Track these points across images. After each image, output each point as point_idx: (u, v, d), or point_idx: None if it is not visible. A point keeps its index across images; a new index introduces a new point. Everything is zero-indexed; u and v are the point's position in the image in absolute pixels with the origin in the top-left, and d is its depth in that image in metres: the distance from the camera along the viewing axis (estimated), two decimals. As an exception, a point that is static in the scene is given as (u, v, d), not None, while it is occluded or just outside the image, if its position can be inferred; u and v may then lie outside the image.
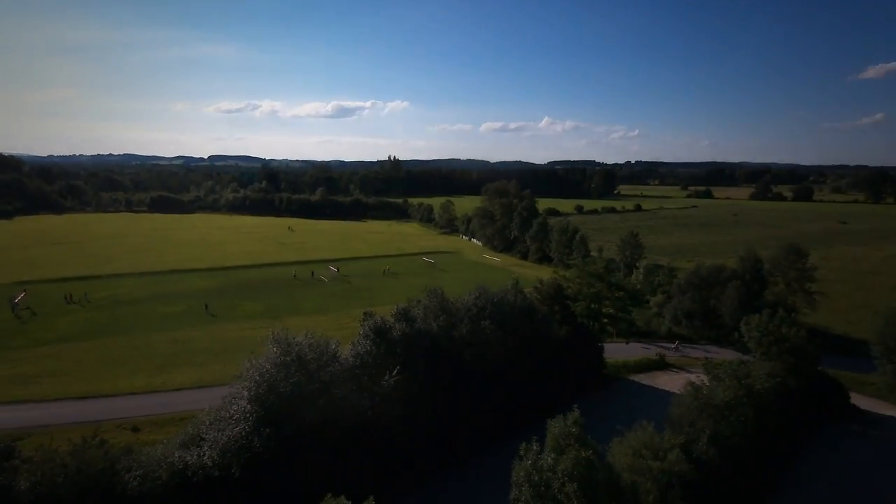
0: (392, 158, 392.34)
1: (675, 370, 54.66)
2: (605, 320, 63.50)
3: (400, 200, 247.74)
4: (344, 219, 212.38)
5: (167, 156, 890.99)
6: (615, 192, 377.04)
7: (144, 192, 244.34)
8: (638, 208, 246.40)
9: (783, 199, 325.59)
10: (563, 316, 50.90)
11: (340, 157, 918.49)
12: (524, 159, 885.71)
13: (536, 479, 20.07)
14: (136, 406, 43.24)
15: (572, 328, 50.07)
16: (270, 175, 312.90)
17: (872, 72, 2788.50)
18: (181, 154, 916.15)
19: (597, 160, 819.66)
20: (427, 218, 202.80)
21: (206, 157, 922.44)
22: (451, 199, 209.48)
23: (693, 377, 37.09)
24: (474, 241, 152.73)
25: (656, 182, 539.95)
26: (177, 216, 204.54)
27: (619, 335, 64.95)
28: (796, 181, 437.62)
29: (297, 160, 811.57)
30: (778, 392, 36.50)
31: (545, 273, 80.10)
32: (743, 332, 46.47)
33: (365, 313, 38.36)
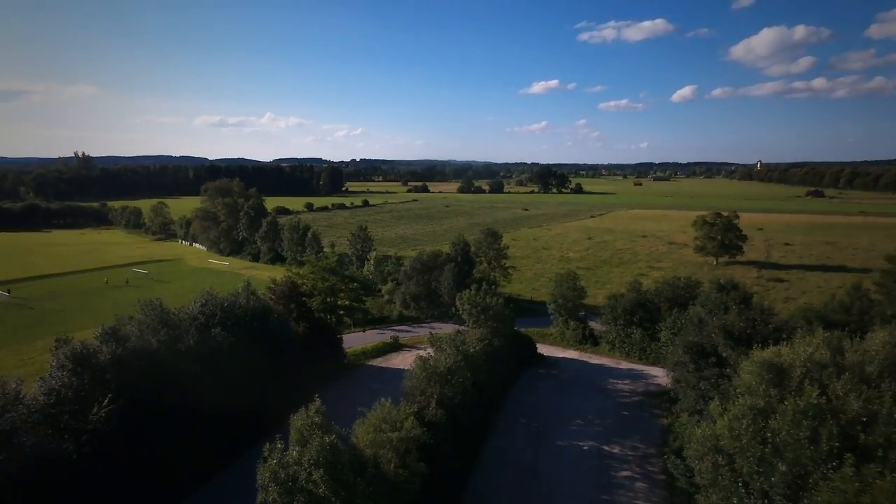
0: (81, 155, 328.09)
1: (408, 349, 59.81)
2: (342, 312, 65.55)
3: (96, 204, 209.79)
4: (15, 229, 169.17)
5: None
6: (343, 188, 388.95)
7: None
8: (366, 203, 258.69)
9: (482, 191, 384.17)
10: (300, 313, 50.83)
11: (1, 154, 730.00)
12: (247, 156, 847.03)
13: (283, 475, 19.92)
14: None
15: (310, 324, 50.43)
16: None
17: (537, 87, 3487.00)
18: None
19: (323, 158, 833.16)
20: (135, 223, 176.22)
21: None
22: (165, 200, 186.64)
23: (422, 352, 41.43)
24: (197, 245, 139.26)
25: (380, 178, 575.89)
26: None
27: (357, 325, 67.91)
28: (491, 176, 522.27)
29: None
30: (487, 352, 43.52)
31: (279, 273, 78.11)
32: (458, 307, 53.68)
33: (57, 340, 31.83)
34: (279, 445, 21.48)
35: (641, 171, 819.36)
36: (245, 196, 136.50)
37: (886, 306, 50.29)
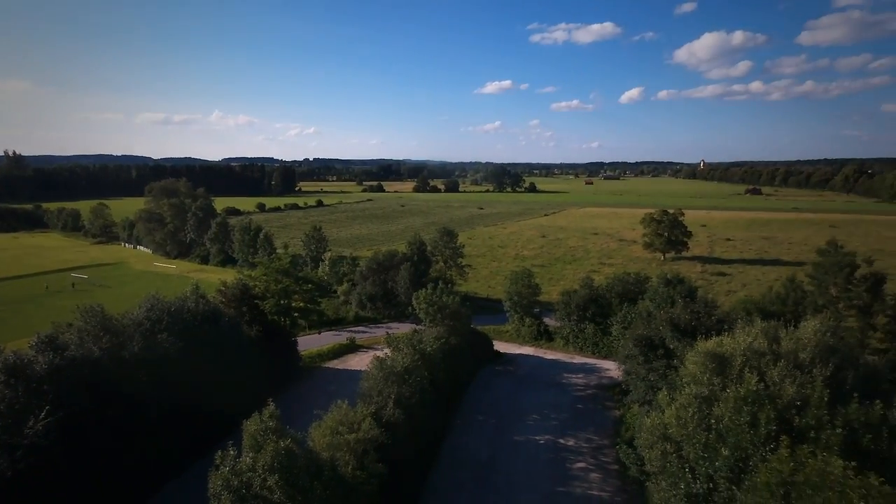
0: (12, 153, 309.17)
1: (364, 350, 59.26)
2: (296, 314, 64.34)
3: (30, 206, 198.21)
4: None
5: None
6: (296, 188, 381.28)
7: None
8: (320, 204, 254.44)
9: (438, 190, 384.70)
10: (253, 316, 49.59)
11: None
12: (195, 155, 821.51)
13: (236, 483, 19.39)
14: None
15: (263, 327, 49.25)
16: None
17: (490, 87, 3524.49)
18: None
19: (275, 157, 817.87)
20: (73, 226, 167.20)
21: None
22: (106, 201, 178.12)
23: (379, 353, 41.18)
24: (141, 248, 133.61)
25: (334, 178, 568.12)
26: None
27: (312, 327, 66.76)
28: (447, 175, 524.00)
29: None
30: (444, 351, 43.68)
31: (230, 275, 75.86)
32: (415, 306, 53.61)
33: (-13, 351, 29.84)
34: (232, 452, 20.91)
35: (592, 170, 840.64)
36: (193, 196, 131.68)
37: (818, 296, 53.60)
